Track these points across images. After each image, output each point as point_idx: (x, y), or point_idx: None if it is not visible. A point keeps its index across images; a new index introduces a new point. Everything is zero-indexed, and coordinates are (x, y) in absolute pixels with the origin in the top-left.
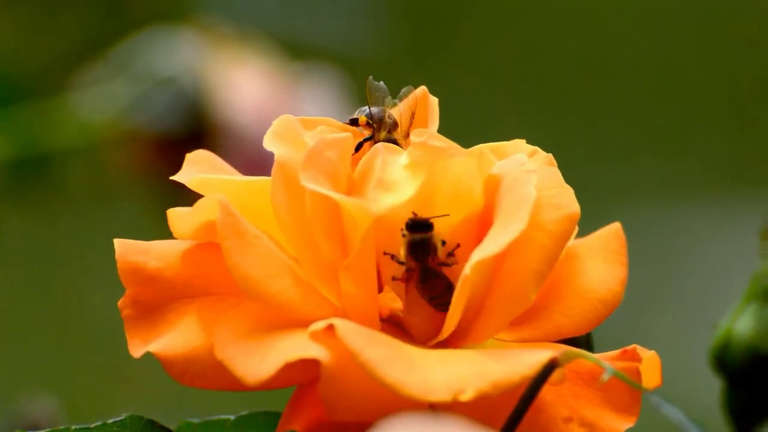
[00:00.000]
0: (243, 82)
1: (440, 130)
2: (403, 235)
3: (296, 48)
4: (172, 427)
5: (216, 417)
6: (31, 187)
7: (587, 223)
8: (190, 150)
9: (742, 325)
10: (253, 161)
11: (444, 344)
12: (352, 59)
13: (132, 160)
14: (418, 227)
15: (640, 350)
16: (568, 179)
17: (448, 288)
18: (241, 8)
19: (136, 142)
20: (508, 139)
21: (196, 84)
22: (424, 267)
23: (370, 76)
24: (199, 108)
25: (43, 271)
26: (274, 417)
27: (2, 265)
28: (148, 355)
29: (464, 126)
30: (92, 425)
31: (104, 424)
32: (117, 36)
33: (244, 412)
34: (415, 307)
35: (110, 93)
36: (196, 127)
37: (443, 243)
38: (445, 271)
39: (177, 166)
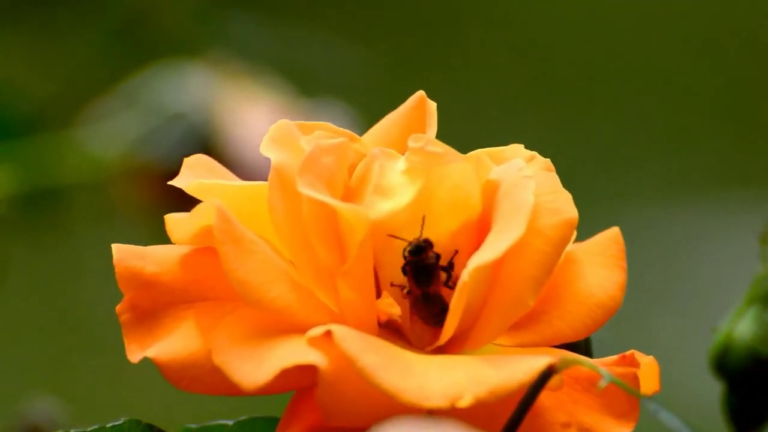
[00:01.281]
0: (253, 118)
1: (442, 134)
2: (405, 258)
3: (307, 84)
4: (171, 431)
5: (215, 422)
6: (40, 219)
7: (587, 225)
8: None
9: (743, 328)
10: None
11: (442, 350)
12: (359, 88)
13: (140, 195)
14: (419, 251)
15: (639, 356)
16: (569, 181)
17: (443, 310)
18: (252, 44)
19: (145, 176)
20: (507, 142)
21: (207, 119)
22: (425, 292)
23: None
24: (209, 143)
25: (47, 293)
26: (273, 422)
27: (8, 289)
28: (149, 360)
29: (464, 128)
30: (89, 429)
31: (102, 428)
32: (127, 70)
33: (243, 417)
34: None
35: (120, 127)
36: None
37: (450, 266)
38: (445, 290)
39: (185, 202)
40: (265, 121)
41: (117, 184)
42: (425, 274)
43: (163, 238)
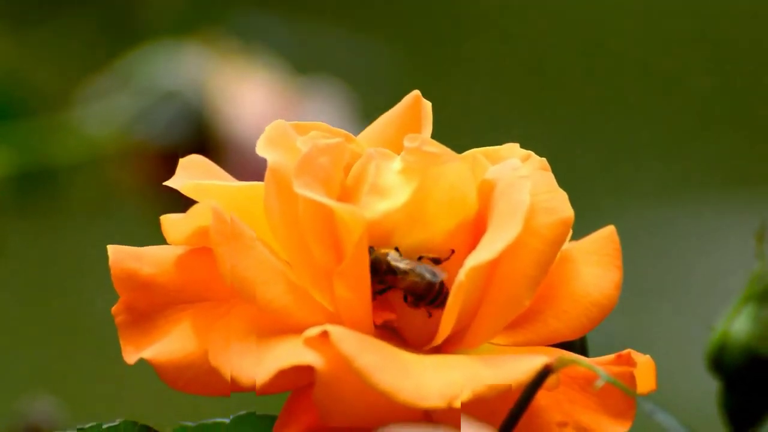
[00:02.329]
0: (247, 97)
1: (439, 133)
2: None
3: (301, 62)
4: (168, 431)
5: (211, 420)
6: (35, 201)
7: (587, 224)
8: None
9: (739, 326)
10: (257, 175)
11: (438, 350)
12: (355, 71)
13: (136, 174)
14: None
15: (635, 355)
16: (568, 181)
17: (429, 287)
18: (246, 22)
19: (140, 156)
20: (506, 142)
21: (201, 98)
22: (394, 280)
23: None
24: (203, 122)
25: (43, 277)
26: (269, 420)
27: (4, 272)
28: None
29: (465, 128)
30: (86, 426)
31: (99, 428)
32: (121, 50)
33: (241, 413)
34: (408, 312)
35: (114, 107)
36: (201, 142)
37: (396, 249)
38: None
39: None
40: (259, 99)
41: (112, 164)
42: (376, 266)
43: (158, 219)
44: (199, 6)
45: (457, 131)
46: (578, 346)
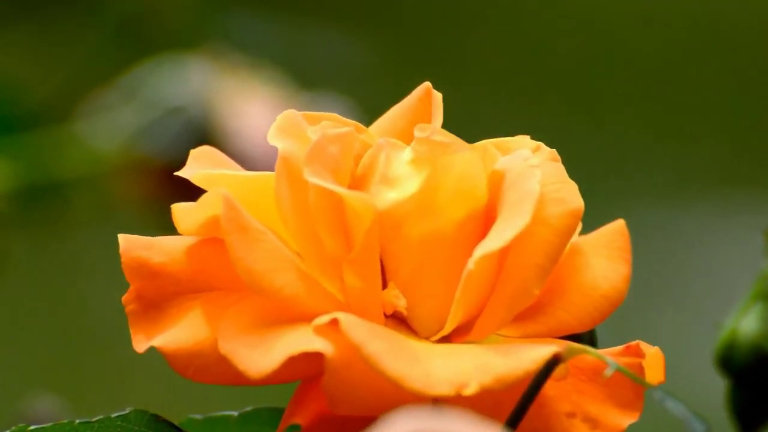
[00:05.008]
0: (252, 112)
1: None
2: None
3: (306, 77)
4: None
5: (220, 413)
6: (39, 213)
7: (589, 224)
8: None
9: (748, 324)
10: None
11: (447, 340)
12: (358, 81)
13: (140, 189)
14: None
15: (644, 346)
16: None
17: None
18: (251, 37)
19: (144, 170)
20: None
21: (206, 113)
22: None
23: None
24: (208, 137)
25: (46, 287)
26: (278, 413)
27: (8, 283)
28: (152, 357)
29: (465, 127)
30: (95, 419)
31: (108, 418)
32: (126, 64)
33: (248, 408)
34: (418, 302)
35: (119, 121)
36: None
37: None
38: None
39: (185, 195)
40: (263, 114)
41: (116, 178)
42: None
43: (163, 232)
44: (206, 20)
45: (453, 130)
46: (587, 339)
